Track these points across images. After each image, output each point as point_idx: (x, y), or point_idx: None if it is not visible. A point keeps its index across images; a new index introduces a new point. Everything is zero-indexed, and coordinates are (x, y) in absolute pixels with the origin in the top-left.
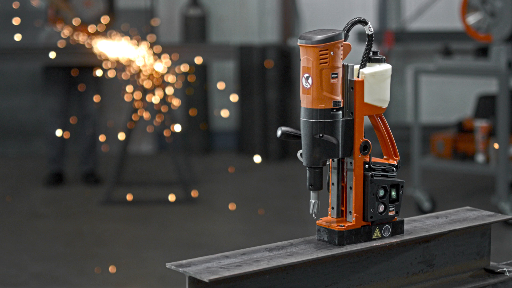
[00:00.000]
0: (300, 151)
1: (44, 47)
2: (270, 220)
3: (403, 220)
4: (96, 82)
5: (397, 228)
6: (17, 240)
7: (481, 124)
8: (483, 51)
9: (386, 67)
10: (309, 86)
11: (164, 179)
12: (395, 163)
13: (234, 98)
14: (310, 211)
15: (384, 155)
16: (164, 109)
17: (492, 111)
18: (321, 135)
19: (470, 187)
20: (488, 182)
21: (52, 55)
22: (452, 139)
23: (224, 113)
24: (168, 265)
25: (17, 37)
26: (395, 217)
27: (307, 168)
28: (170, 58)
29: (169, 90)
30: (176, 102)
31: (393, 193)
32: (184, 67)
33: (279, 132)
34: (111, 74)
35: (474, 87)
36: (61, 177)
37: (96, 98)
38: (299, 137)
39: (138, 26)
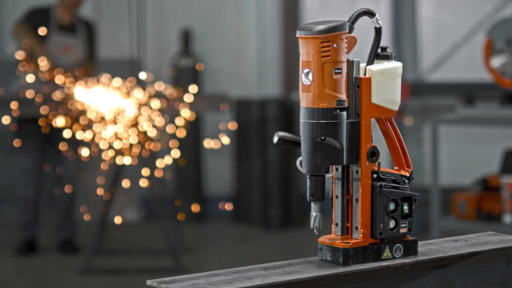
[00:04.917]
0: (300, 158)
1: (16, 98)
2: None
3: (417, 239)
4: (74, 139)
5: (410, 248)
6: None
7: (508, 181)
8: (509, 99)
9: (396, 64)
10: (309, 82)
11: (150, 248)
12: (407, 174)
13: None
14: (311, 226)
15: (395, 166)
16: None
17: None
18: (323, 137)
19: None
20: None
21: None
22: (476, 198)
23: None
24: (149, 282)
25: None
26: (408, 235)
27: (307, 176)
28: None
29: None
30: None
31: (405, 207)
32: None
33: (275, 138)
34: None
35: (500, 142)
36: (34, 245)
37: (74, 156)
38: (299, 143)
39: (123, 77)
